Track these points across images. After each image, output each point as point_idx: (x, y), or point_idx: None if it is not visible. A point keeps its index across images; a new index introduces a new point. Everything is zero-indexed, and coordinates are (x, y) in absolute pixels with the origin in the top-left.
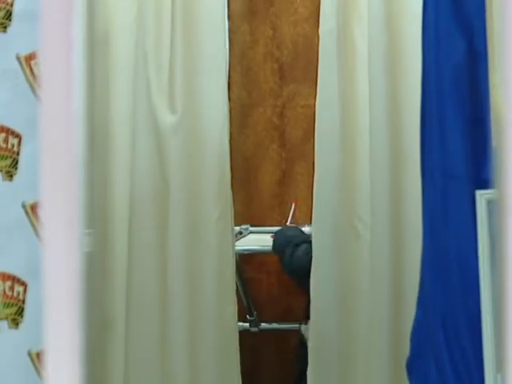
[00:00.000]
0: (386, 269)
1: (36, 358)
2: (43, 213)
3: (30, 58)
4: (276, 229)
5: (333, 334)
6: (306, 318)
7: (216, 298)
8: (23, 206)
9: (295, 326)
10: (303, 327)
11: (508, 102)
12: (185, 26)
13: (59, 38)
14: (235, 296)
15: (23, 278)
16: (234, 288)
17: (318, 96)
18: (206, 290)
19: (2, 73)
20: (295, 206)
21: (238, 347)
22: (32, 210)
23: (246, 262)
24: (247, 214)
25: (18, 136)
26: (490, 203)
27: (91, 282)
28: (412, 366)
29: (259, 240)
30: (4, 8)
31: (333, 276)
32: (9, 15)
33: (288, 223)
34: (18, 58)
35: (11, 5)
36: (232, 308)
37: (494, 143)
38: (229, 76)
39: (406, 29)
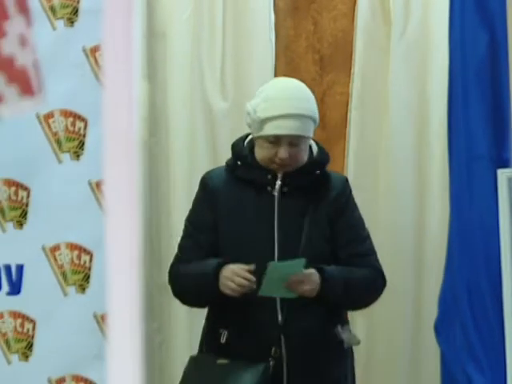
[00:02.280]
0: (410, 240)
1: (101, 320)
2: (106, 189)
3: (95, 50)
4: None
5: None
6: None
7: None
8: (89, 184)
9: None
10: (338, 328)
11: None
12: (235, 21)
13: (120, 31)
14: None
15: (89, 248)
16: None
17: (352, 85)
18: None
19: (69, 64)
20: None
21: None
22: (97, 187)
23: None
24: None
25: (84, 120)
26: (510, 180)
27: (150, 249)
28: (440, 328)
29: None
30: (71, 5)
31: None
32: (75, 12)
33: None
34: (84, 50)
35: (78, 2)
36: None
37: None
38: (274, 66)
39: (434, 24)
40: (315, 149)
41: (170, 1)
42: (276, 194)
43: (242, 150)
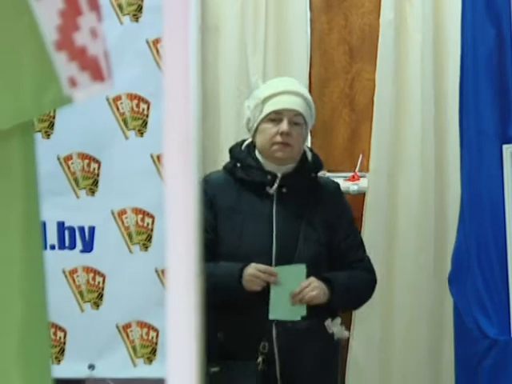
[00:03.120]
0: (431, 207)
1: (161, 274)
2: (166, 161)
3: (157, 42)
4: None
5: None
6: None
7: None
8: (151, 157)
9: None
10: (328, 322)
11: None
12: (276, 17)
13: (179, 25)
14: None
15: (151, 212)
16: None
17: (377, 72)
18: None
19: (135, 54)
20: (362, 156)
21: None
22: (158, 160)
23: None
24: (326, 162)
25: (147, 102)
26: None
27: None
28: (453, 280)
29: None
30: (136, 3)
31: (384, 217)
32: (140, 9)
33: (356, 170)
34: (148, 42)
35: (142, 0)
36: None
37: None
38: (310, 56)
39: (449, 20)
40: (309, 154)
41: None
42: (275, 194)
43: (241, 153)
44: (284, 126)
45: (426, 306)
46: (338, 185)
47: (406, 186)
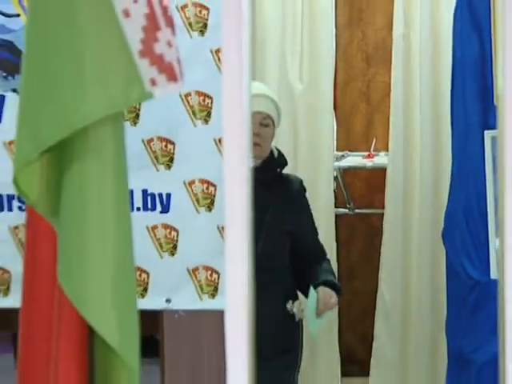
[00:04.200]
0: (430, 179)
1: (222, 230)
2: (225, 143)
3: (218, 51)
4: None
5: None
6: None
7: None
8: (214, 140)
9: (377, 211)
10: (289, 305)
11: (505, 80)
12: (309, 32)
13: (234, 39)
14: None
15: (214, 182)
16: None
17: (392, 75)
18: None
19: (201, 61)
20: (376, 140)
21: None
22: (219, 142)
23: (346, 173)
24: (347, 145)
25: (210, 98)
26: (493, 138)
27: None
28: (445, 235)
29: (354, 160)
30: (202, 21)
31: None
32: (205, 26)
33: (372, 150)
34: (211, 52)
35: (207, 19)
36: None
37: (495, 101)
38: (335, 63)
39: (443, 34)
40: (276, 152)
41: (265, 19)
42: None
43: None
44: (254, 128)
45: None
46: (301, 180)
47: (415, 163)
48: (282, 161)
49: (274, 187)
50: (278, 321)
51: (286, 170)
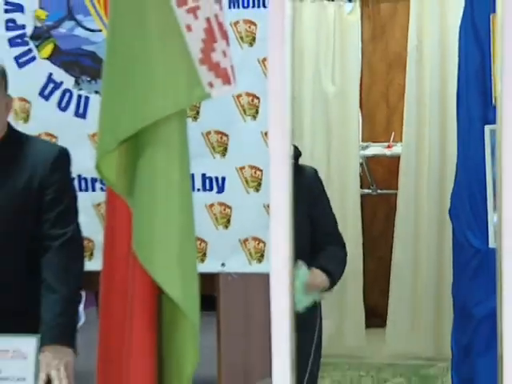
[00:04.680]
0: (437, 165)
1: (267, 208)
2: (270, 136)
3: (264, 60)
4: (385, 144)
5: None
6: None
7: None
8: (261, 133)
9: (394, 191)
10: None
11: (503, 84)
12: (340, 44)
13: (278, 49)
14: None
15: (261, 167)
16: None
17: (406, 80)
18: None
19: (250, 68)
20: (394, 133)
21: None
22: (265, 135)
23: (370, 160)
24: (371, 137)
25: (258, 98)
26: (491, 131)
27: None
28: (452, 213)
29: (376, 150)
30: (251, 36)
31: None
32: (254, 39)
33: (391, 141)
34: (258, 60)
35: (255, 33)
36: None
37: (493, 101)
38: (361, 69)
39: (450, 47)
40: None
41: (303, 34)
42: None
43: None
44: None
45: (441, 234)
46: (315, 170)
47: (425, 152)
48: (297, 153)
49: (296, 177)
50: None
51: (321, 160)
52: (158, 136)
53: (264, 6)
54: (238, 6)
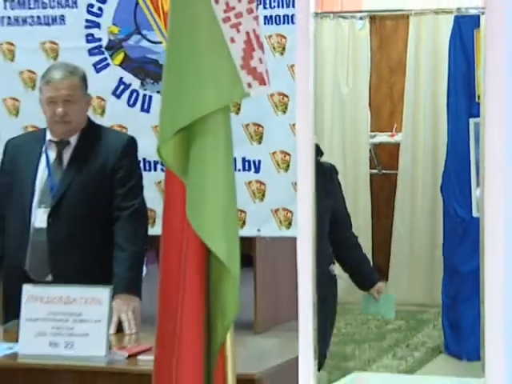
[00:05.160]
0: (430, 150)
1: (294, 185)
2: (298, 127)
3: (293, 66)
4: (388, 133)
5: None
6: None
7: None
8: (289, 125)
9: (395, 172)
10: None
11: (485, 84)
12: (352, 53)
13: (304, 58)
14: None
15: (290, 152)
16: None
17: (406, 83)
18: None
19: (281, 72)
20: (396, 125)
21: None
22: (293, 126)
23: (377, 147)
24: (378, 127)
25: (287, 96)
26: (475, 124)
27: None
28: (443, 188)
29: (382, 138)
30: (282, 46)
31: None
32: (284, 48)
33: (393, 131)
34: (288, 66)
35: (285, 43)
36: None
37: (477, 99)
38: (370, 72)
39: (442, 56)
40: None
41: (324, 45)
42: None
43: None
44: None
45: (433, 206)
46: (333, 165)
47: (420, 140)
48: (319, 151)
49: (318, 172)
50: (322, 276)
51: (338, 147)
52: (207, 126)
53: (292, 23)
54: (272, 23)
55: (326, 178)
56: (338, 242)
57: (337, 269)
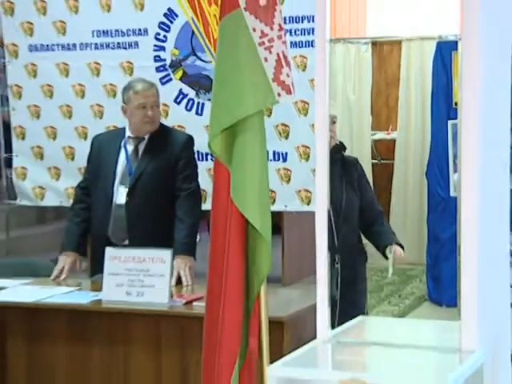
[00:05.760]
0: (419, 146)
1: (312, 172)
2: (316, 127)
3: (312, 80)
4: (385, 132)
5: None
6: None
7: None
8: (310, 125)
9: (391, 162)
10: (361, 245)
11: (461, 93)
12: (359, 70)
13: (321, 74)
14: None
15: (309, 146)
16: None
17: (400, 93)
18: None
19: (304, 85)
20: (391, 126)
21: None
22: (312, 126)
23: (376, 142)
24: (377, 127)
25: (307, 103)
26: (452, 125)
27: None
28: (427, 174)
29: (380, 136)
30: (303, 64)
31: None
32: (305, 66)
33: (390, 130)
34: (309, 80)
35: (306, 63)
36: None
37: (454, 105)
38: (372, 86)
39: (427, 72)
40: (338, 142)
41: (335, 63)
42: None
43: None
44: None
45: (420, 188)
46: (357, 159)
47: (411, 138)
48: (343, 147)
49: (344, 164)
50: (353, 252)
51: (346, 143)
52: (246, 126)
53: (312, 46)
54: (296, 47)
55: (351, 168)
56: (367, 221)
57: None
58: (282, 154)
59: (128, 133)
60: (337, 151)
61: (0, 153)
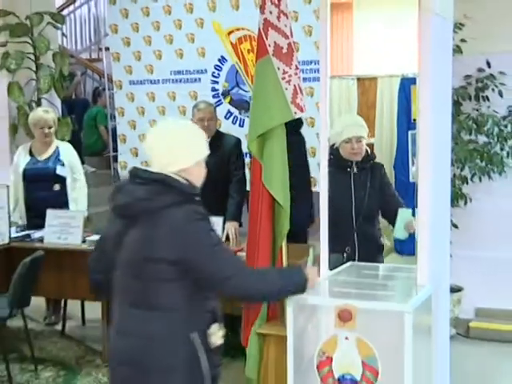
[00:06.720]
0: (389, 148)
1: (319, 165)
2: (321, 136)
3: (317, 103)
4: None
5: None
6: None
7: None
8: (316, 134)
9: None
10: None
11: (418, 115)
12: (348, 98)
13: (324, 100)
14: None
15: (316, 147)
16: None
17: (376, 112)
18: None
19: (311, 106)
20: (370, 134)
21: None
22: (317, 135)
23: None
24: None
25: (313, 118)
26: (412, 134)
27: None
28: (395, 167)
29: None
30: (311, 92)
31: (379, 151)
32: (313, 94)
33: (369, 137)
34: (315, 103)
35: (313, 92)
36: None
37: (412, 119)
38: (358, 109)
39: (394, 97)
40: (369, 150)
41: (333, 93)
42: (352, 172)
43: (332, 151)
44: (354, 144)
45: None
46: (382, 164)
47: (384, 142)
48: (372, 156)
49: (372, 170)
50: (372, 242)
51: None
52: (272, 134)
53: (318, 81)
54: (307, 81)
55: (377, 172)
56: (389, 214)
57: None
58: None
59: None
60: (367, 161)
61: (110, 152)
